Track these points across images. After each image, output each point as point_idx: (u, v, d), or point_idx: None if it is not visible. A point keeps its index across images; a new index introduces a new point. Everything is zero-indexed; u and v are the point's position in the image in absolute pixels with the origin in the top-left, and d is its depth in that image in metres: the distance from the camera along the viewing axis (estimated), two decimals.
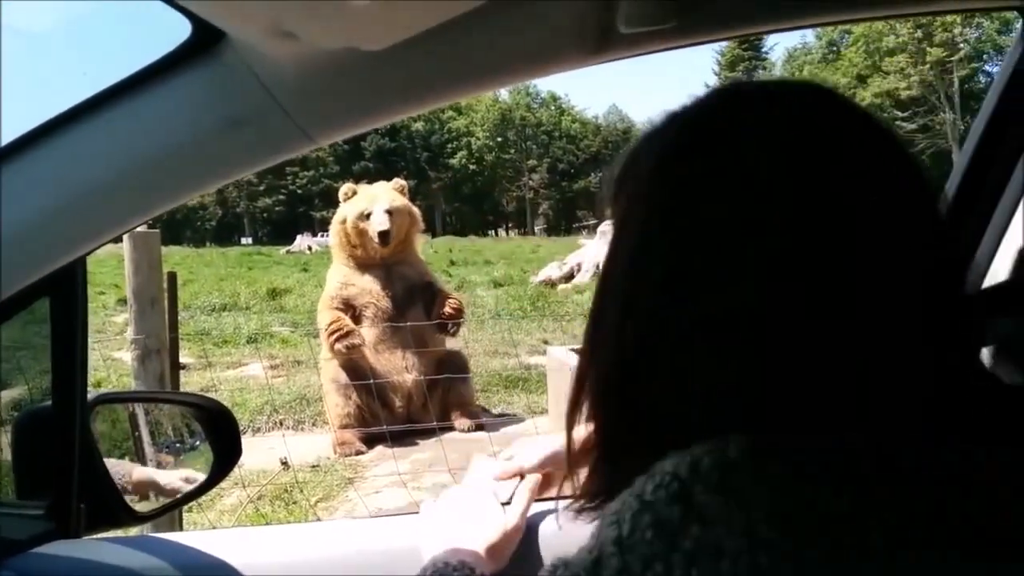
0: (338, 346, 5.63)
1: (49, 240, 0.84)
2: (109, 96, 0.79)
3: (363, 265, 6.06)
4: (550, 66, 0.83)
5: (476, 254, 29.73)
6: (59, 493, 0.98)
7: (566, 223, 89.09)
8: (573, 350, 4.78)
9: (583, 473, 0.69)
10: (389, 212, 5.97)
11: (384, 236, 5.87)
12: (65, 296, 0.94)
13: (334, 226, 6.23)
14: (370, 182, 6.79)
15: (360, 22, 0.67)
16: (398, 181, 6.46)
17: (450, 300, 5.96)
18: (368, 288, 5.93)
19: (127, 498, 1.14)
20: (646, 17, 0.79)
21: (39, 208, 0.82)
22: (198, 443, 1.39)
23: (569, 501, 0.69)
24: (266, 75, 0.76)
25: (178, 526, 3.28)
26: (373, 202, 6.02)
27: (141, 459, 1.35)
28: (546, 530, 1.07)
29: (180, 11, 0.71)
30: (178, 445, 1.42)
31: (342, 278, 6.04)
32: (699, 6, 0.83)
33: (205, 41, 0.76)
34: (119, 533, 1.26)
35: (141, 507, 1.17)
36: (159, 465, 1.37)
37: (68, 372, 0.97)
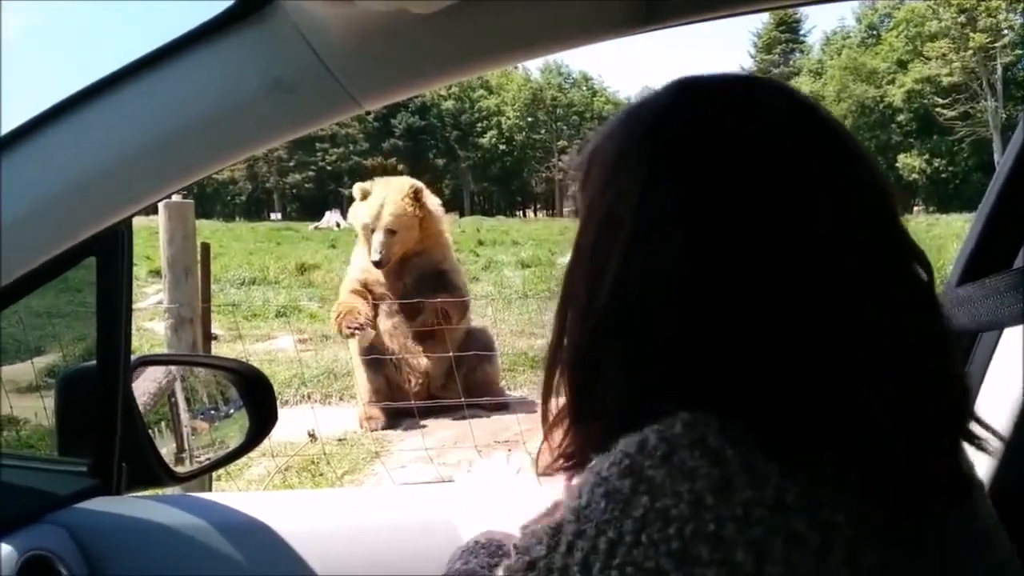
0: (345, 329, 5.67)
1: (96, 200, 0.84)
2: (158, 57, 0.80)
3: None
4: (600, 33, 0.82)
5: (504, 234, 29.68)
6: (101, 451, 1.00)
7: None
8: None
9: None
10: (391, 232, 5.81)
11: (378, 264, 5.81)
12: (111, 256, 0.95)
13: (352, 212, 6.18)
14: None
15: None
16: (414, 186, 5.99)
17: (446, 305, 5.78)
18: (381, 279, 5.94)
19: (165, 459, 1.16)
20: None
21: (87, 168, 0.83)
22: (232, 410, 1.41)
23: (546, 463, 0.75)
24: (314, 38, 0.76)
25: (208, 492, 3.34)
26: (375, 218, 5.81)
27: (177, 425, 1.37)
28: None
29: None
30: (213, 412, 1.44)
31: (362, 263, 6.02)
32: None
33: (253, 3, 0.76)
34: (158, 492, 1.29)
35: (179, 468, 1.19)
36: (194, 432, 1.40)
37: (113, 332, 0.98)
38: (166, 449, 1.30)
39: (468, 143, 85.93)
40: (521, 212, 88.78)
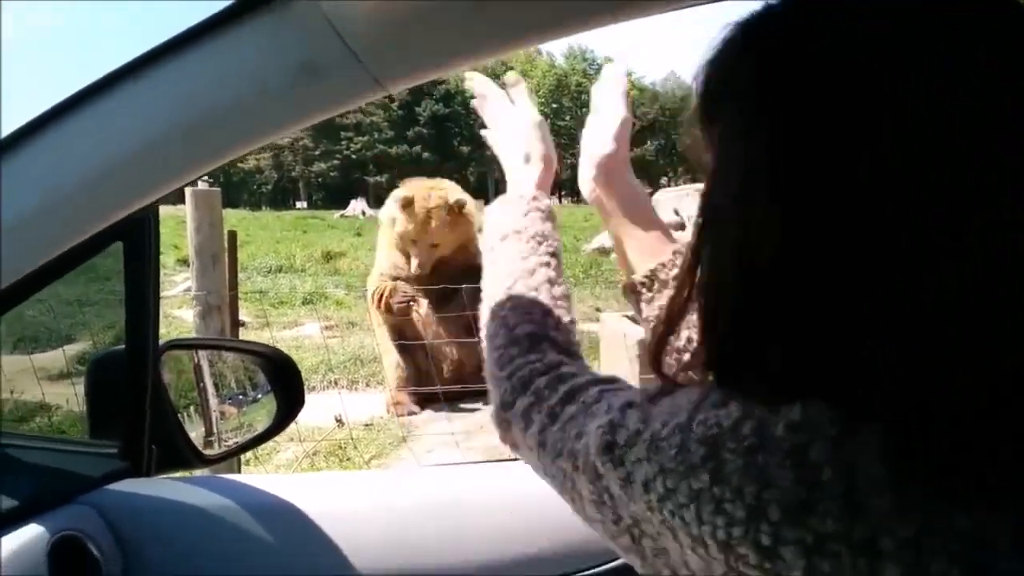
0: (394, 305, 5.65)
1: (122, 186, 0.85)
2: (182, 42, 0.80)
3: (407, 256, 6.00)
4: (627, 11, 0.81)
5: None
6: (131, 434, 1.02)
7: None
8: (627, 316, 4.76)
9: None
10: (434, 245, 5.80)
11: (418, 277, 5.78)
12: (138, 242, 0.96)
13: (386, 217, 6.11)
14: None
15: None
16: (459, 201, 5.90)
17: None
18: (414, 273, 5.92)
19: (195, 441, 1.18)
20: None
21: (112, 154, 0.83)
22: (260, 395, 1.42)
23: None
24: (339, 22, 0.75)
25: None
26: (420, 231, 5.75)
27: (205, 409, 1.39)
28: None
29: None
30: (241, 397, 1.46)
31: (393, 258, 5.99)
32: None
33: None
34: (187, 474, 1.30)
35: (207, 451, 1.20)
36: (222, 416, 1.41)
37: (141, 316, 0.99)
38: (195, 433, 1.32)
39: None
40: None
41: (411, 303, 5.65)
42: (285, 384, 1.25)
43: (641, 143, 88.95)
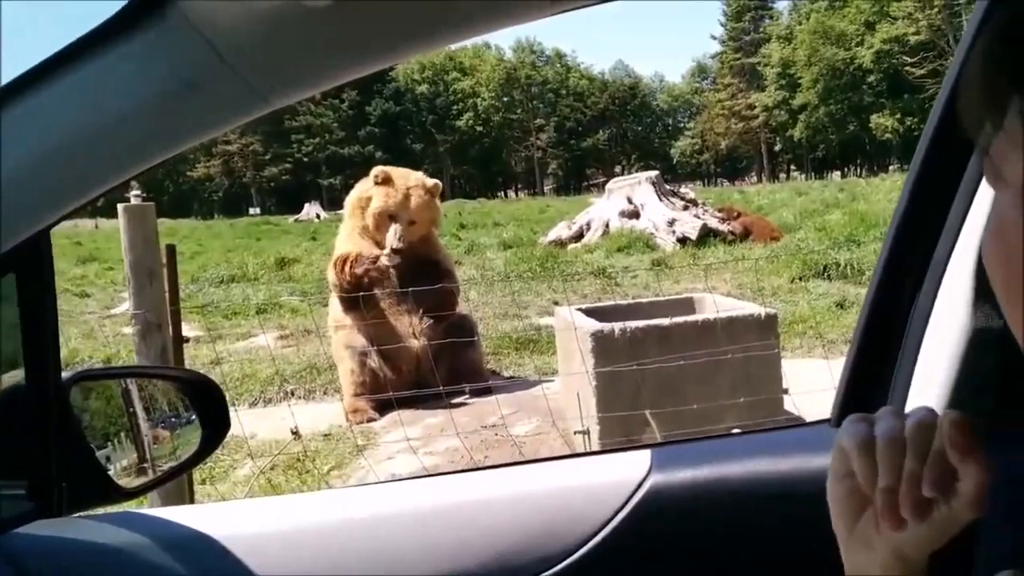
0: (357, 270, 5.60)
1: (9, 214, 0.81)
2: (55, 63, 0.77)
3: (374, 241, 6.00)
4: (507, 17, 0.79)
5: (485, 216, 29.63)
6: (37, 472, 0.97)
7: (575, 182, 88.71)
8: (580, 310, 4.76)
9: None
10: (411, 222, 5.87)
11: (397, 252, 5.80)
12: (32, 272, 0.91)
13: (354, 197, 6.11)
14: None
15: None
16: (437, 184, 6.20)
17: (440, 290, 5.80)
18: (360, 252, 5.88)
19: (112, 474, 1.13)
20: None
21: None
22: (194, 416, 1.37)
23: None
24: (214, 36, 0.73)
25: (189, 499, 3.30)
26: (400, 206, 5.87)
27: (136, 435, 1.34)
28: None
29: None
30: (173, 419, 1.40)
31: (354, 246, 5.98)
32: None
33: (148, 3, 0.72)
34: (112, 510, 1.25)
35: (127, 483, 1.15)
36: (155, 440, 1.36)
37: (39, 349, 0.95)
38: (127, 460, 1.27)
39: (445, 126, 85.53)
40: (502, 193, 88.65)
41: (371, 268, 5.61)
42: (208, 407, 1.20)
43: (593, 132, 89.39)
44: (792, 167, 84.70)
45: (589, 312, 4.66)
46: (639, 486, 1.10)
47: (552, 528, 1.10)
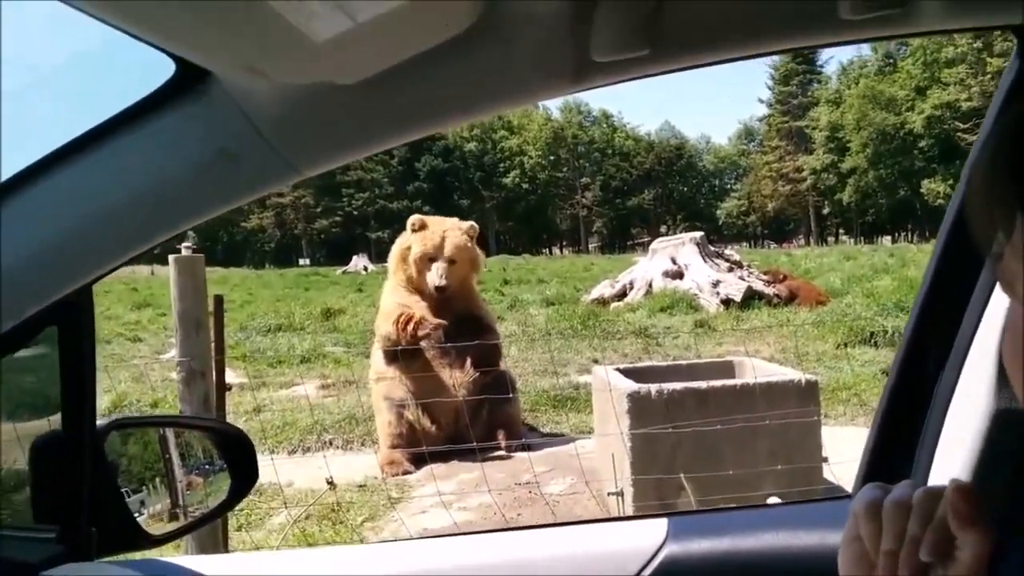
0: (419, 332, 5.69)
1: (52, 271, 0.86)
2: (101, 133, 0.82)
3: (418, 290, 6.13)
4: (530, 94, 0.83)
5: (529, 272, 29.75)
6: (70, 517, 1.00)
7: (620, 241, 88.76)
8: (618, 369, 4.74)
9: None
10: (451, 261, 6.03)
11: (441, 290, 5.97)
12: (72, 324, 0.96)
13: (396, 249, 6.27)
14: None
15: (327, 57, 0.68)
16: (473, 226, 6.41)
17: (483, 346, 5.88)
18: (423, 313, 5.98)
19: (142, 521, 1.16)
20: (619, 46, 0.79)
21: (40, 240, 0.85)
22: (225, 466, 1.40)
23: None
24: (251, 109, 0.78)
25: (223, 545, 3.33)
26: (438, 248, 6.05)
27: (171, 481, 1.37)
28: None
29: (161, 50, 0.73)
30: (207, 467, 1.44)
31: (399, 299, 6.11)
32: (671, 33, 0.82)
33: (190, 78, 0.78)
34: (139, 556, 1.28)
35: (155, 530, 1.18)
36: (189, 487, 1.39)
37: (77, 398, 0.99)
38: (160, 506, 1.30)
39: (491, 183, 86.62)
40: (547, 249, 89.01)
41: (433, 331, 5.71)
42: (237, 458, 1.23)
43: (639, 192, 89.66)
44: (841, 231, 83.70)
45: (627, 372, 4.64)
46: (655, 555, 1.09)
47: None
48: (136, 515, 1.19)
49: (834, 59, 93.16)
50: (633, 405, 3.98)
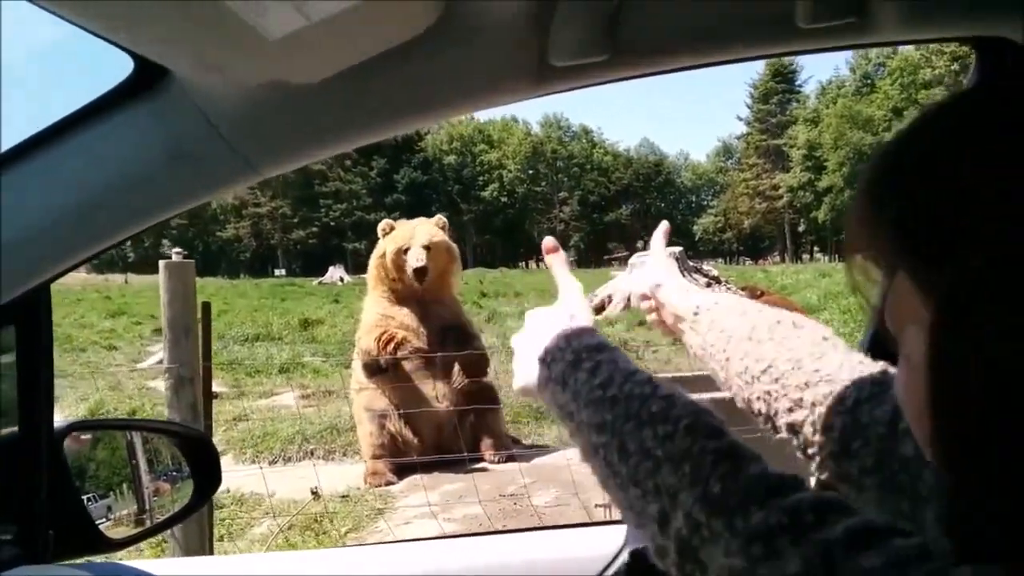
0: (398, 352, 5.63)
1: (8, 270, 0.84)
2: (58, 131, 0.80)
3: (400, 300, 6.07)
4: (490, 98, 0.84)
5: (507, 286, 29.72)
6: (26, 519, 0.98)
7: (596, 255, 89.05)
8: None
9: None
10: (427, 248, 5.98)
11: (420, 272, 5.90)
12: (30, 324, 0.94)
13: (373, 260, 6.23)
14: (402, 215, 6.83)
15: (284, 57, 0.67)
16: (440, 218, 6.42)
17: (472, 355, 5.83)
18: (406, 323, 5.95)
19: (101, 525, 1.13)
20: (578, 50, 0.79)
21: None
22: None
23: None
24: (210, 108, 0.77)
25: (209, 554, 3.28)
26: (411, 238, 6.03)
27: (138, 486, 1.35)
28: None
29: (120, 48, 0.71)
30: (175, 473, 1.42)
31: (381, 310, 6.06)
32: (629, 40, 0.82)
33: (148, 76, 0.77)
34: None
35: (114, 534, 1.16)
36: (156, 492, 1.37)
37: (34, 399, 0.97)
38: (127, 510, 1.26)
39: (470, 196, 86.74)
40: (523, 263, 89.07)
41: (412, 351, 5.67)
42: (200, 462, 1.22)
43: (617, 207, 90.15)
44: (816, 248, 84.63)
45: None
46: (613, 560, 1.11)
47: None
48: (104, 520, 1.18)
49: (813, 78, 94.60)
50: None
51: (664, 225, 1.26)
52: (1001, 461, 0.45)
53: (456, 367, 5.79)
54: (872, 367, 0.87)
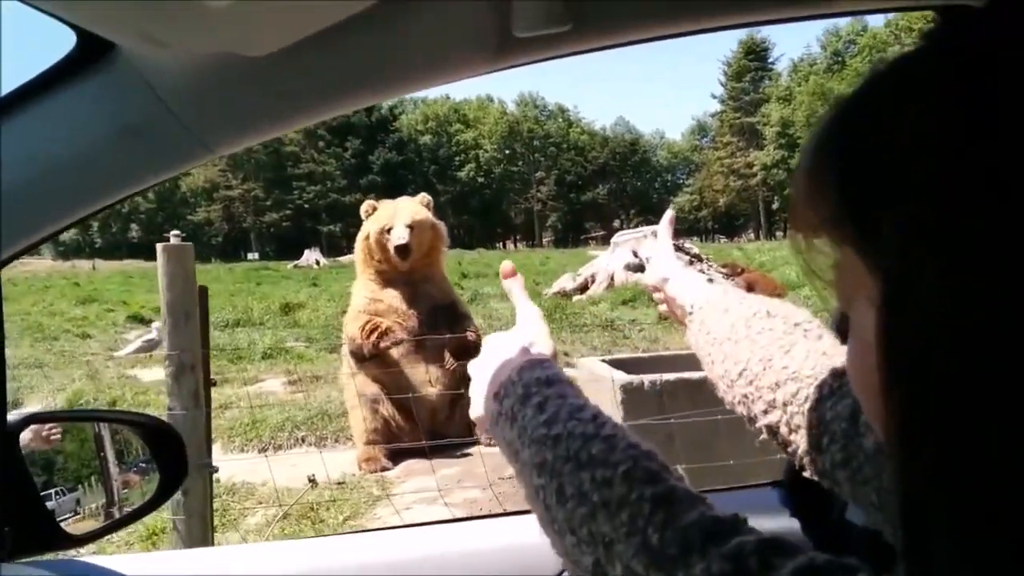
0: (382, 343, 5.55)
1: None
2: (1, 107, 0.76)
3: (388, 281, 5.98)
4: (450, 70, 0.82)
5: (486, 267, 29.67)
6: None
7: (574, 235, 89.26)
8: (604, 361, 4.70)
9: None
10: (410, 227, 5.88)
11: (403, 250, 5.79)
12: None
13: (358, 242, 6.14)
14: (378, 196, 6.73)
15: (228, 27, 0.63)
16: (424, 196, 6.33)
17: (469, 333, 5.81)
18: (394, 305, 5.86)
19: (62, 521, 1.09)
20: (540, 20, 0.77)
21: None
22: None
23: None
24: (158, 83, 0.74)
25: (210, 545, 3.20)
26: (394, 217, 5.93)
27: (107, 479, 1.30)
28: None
29: (61, 20, 0.67)
30: (144, 465, 1.37)
31: (369, 293, 5.96)
32: (595, 10, 0.81)
33: (92, 50, 0.73)
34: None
35: (76, 529, 1.10)
36: (125, 485, 1.33)
37: None
38: (96, 504, 1.23)
39: (446, 177, 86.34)
40: (501, 244, 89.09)
41: (395, 344, 5.58)
42: (165, 452, 1.16)
43: (593, 187, 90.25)
44: (789, 225, 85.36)
45: (614, 364, 4.59)
46: None
47: None
48: (73, 513, 1.16)
49: (785, 56, 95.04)
50: (627, 396, 3.94)
51: (669, 213, 1.28)
52: (956, 434, 0.41)
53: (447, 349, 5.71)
54: (837, 355, 0.88)
